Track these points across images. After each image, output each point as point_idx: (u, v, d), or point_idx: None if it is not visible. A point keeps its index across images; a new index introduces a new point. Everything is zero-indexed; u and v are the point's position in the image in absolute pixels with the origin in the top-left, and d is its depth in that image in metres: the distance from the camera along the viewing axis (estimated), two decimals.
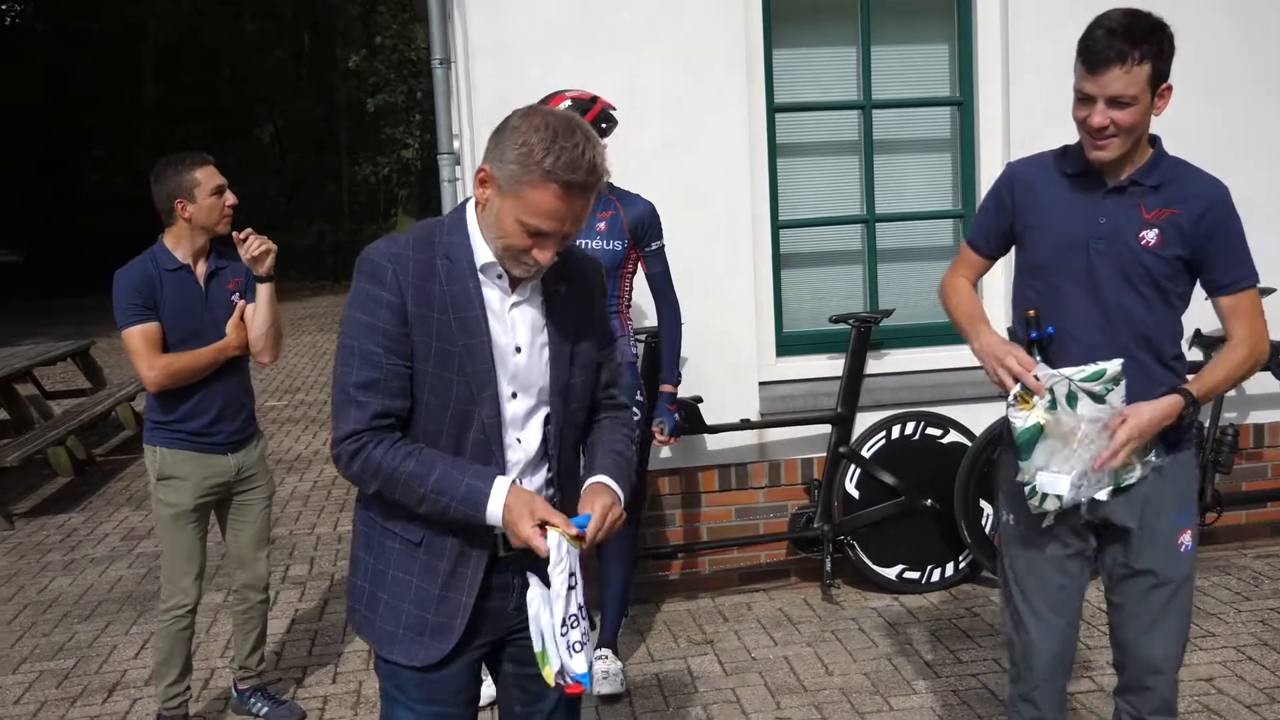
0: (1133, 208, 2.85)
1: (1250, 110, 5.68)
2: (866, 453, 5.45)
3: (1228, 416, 5.74)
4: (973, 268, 3.20)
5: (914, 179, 5.87)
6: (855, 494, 5.44)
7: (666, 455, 5.40)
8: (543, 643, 2.31)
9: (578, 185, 2.21)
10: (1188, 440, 2.98)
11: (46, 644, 5.50)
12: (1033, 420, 2.80)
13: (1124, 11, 2.76)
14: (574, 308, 2.47)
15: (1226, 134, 5.55)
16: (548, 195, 2.20)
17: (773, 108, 5.60)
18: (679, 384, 4.76)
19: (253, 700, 4.56)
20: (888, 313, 5.47)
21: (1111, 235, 2.85)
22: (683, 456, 5.49)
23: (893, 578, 5.47)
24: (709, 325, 5.34)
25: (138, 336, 4.07)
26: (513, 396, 2.38)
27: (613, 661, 4.62)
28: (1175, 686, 3.02)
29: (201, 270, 4.23)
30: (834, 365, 5.59)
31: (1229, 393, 5.65)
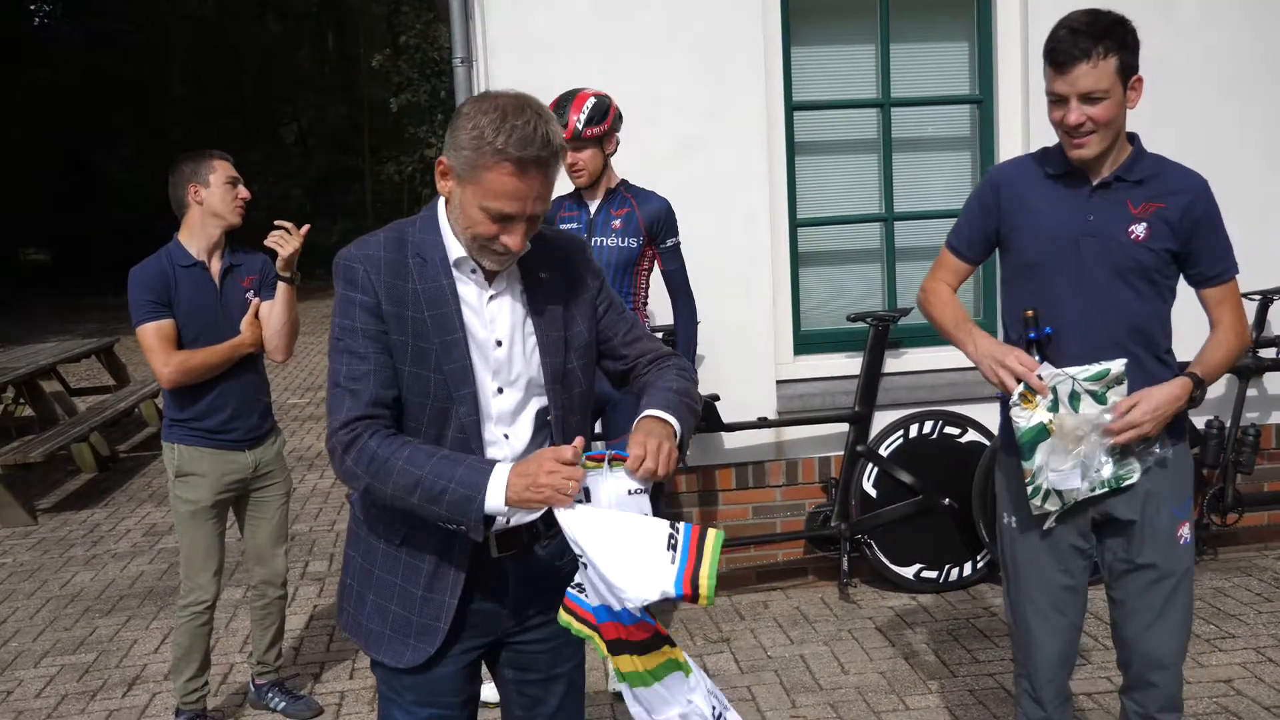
0: (1119, 204, 2.88)
1: (1266, 108, 5.63)
2: (884, 451, 5.43)
3: (1249, 417, 5.70)
4: (954, 273, 3.18)
5: (933, 177, 5.86)
6: (873, 493, 5.43)
7: None
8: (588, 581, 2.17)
9: (532, 160, 2.18)
10: (1185, 434, 3.01)
11: (68, 638, 5.54)
12: (1036, 420, 2.80)
13: (1084, 10, 2.81)
14: (559, 292, 2.42)
15: (1240, 132, 5.52)
16: (504, 175, 2.18)
17: (791, 105, 5.59)
18: None
19: (270, 695, 4.59)
20: (906, 311, 5.45)
21: (1101, 232, 2.87)
22: (700, 455, 5.48)
23: (910, 577, 5.46)
24: (726, 323, 5.34)
25: (152, 333, 4.10)
26: (498, 392, 2.33)
27: None
28: (1180, 682, 3.01)
29: (216, 267, 4.25)
30: (852, 364, 5.58)
31: (1250, 393, 5.63)
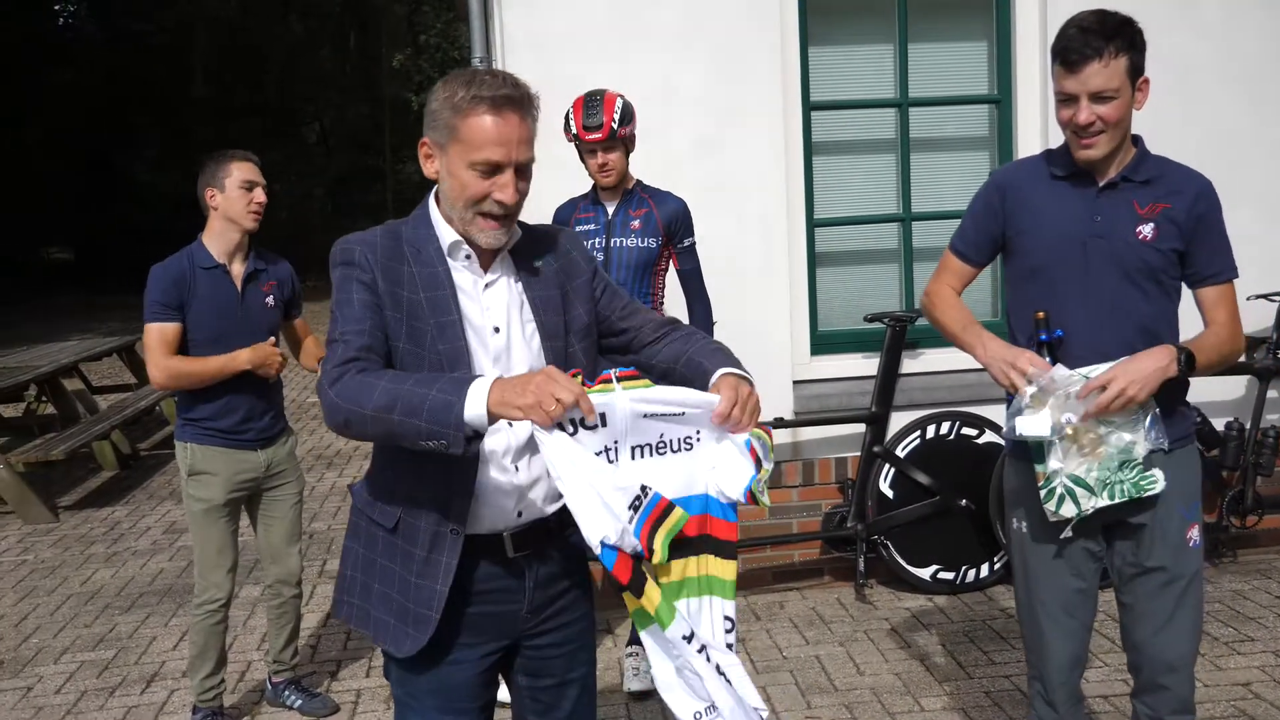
0: (1126, 204, 2.87)
1: None
2: (901, 452, 5.42)
3: (1269, 419, 5.66)
4: (958, 276, 3.17)
5: (951, 177, 5.83)
6: (889, 494, 5.42)
7: None
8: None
9: (505, 99, 2.22)
10: (1191, 434, 3.00)
11: (88, 635, 5.58)
12: (1045, 421, 2.78)
13: (1092, 10, 2.80)
14: (555, 277, 2.44)
15: (1261, 131, 5.49)
16: (482, 120, 2.21)
17: (808, 105, 5.58)
18: None
19: (287, 693, 4.62)
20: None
21: (1108, 233, 2.87)
22: None
23: (927, 578, 5.44)
24: (743, 323, 5.31)
25: (155, 334, 4.15)
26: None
27: (644, 659, 4.62)
28: (1192, 684, 3.00)
29: (238, 270, 4.27)
30: (869, 364, 5.57)
31: (1270, 394, 5.59)
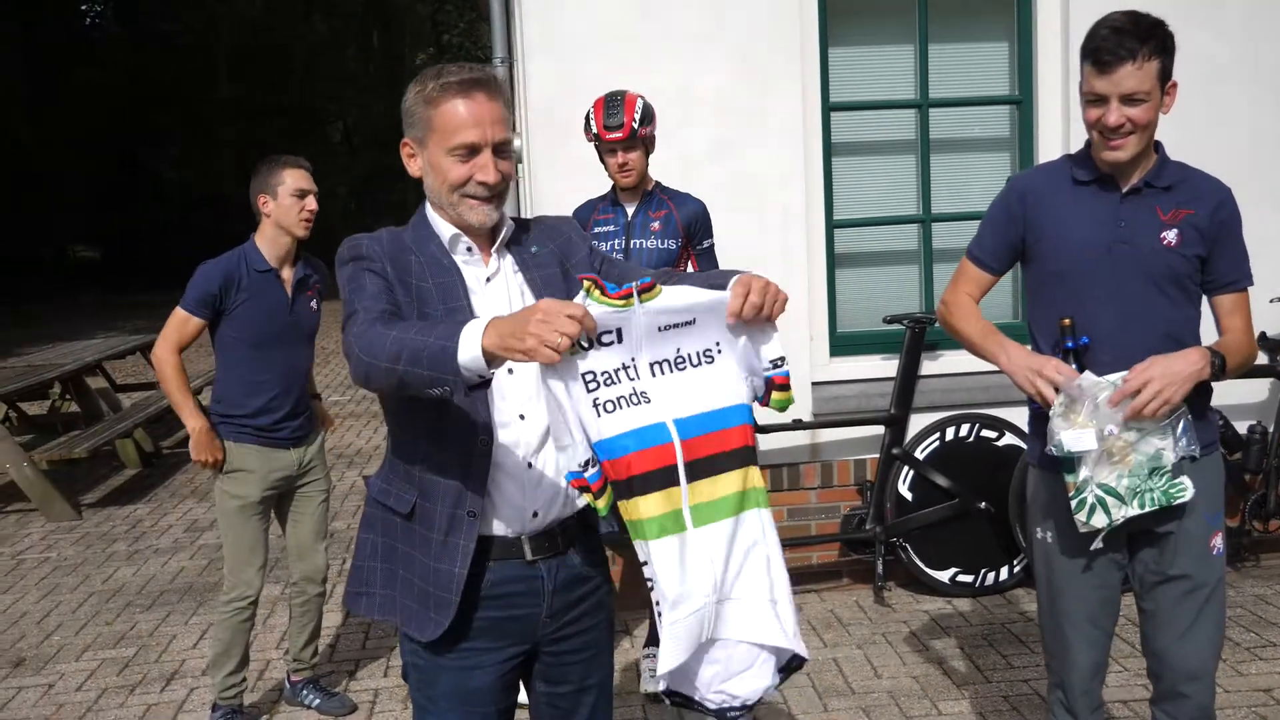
0: (1150, 210, 2.85)
1: None
2: (920, 454, 5.40)
3: None
4: (976, 284, 3.12)
5: (971, 179, 5.81)
6: (908, 496, 5.40)
7: None
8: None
9: (472, 82, 2.29)
10: (1216, 441, 2.98)
11: (109, 632, 5.62)
12: (1082, 433, 2.73)
13: (1124, 11, 2.77)
14: (554, 259, 2.47)
15: None
16: (453, 106, 2.27)
17: (828, 106, 5.57)
18: None
19: (305, 692, 4.63)
20: None
21: (1132, 238, 2.84)
22: None
23: (946, 581, 5.42)
24: None
25: (178, 320, 4.24)
26: (509, 373, 2.31)
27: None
28: (1213, 693, 2.97)
29: (288, 275, 4.34)
30: (888, 366, 5.55)
31: None
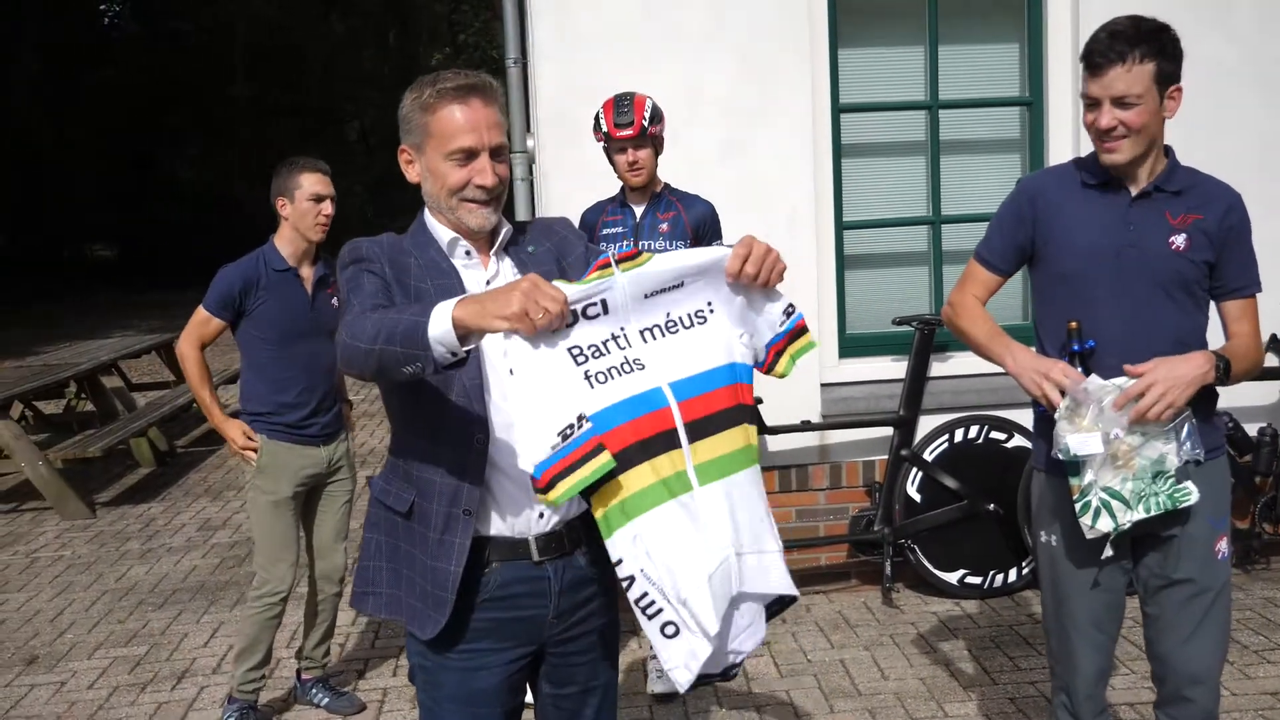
0: (1159, 214, 2.84)
1: None
2: (929, 456, 5.40)
3: None
4: (984, 286, 3.12)
5: (981, 180, 5.80)
6: (917, 497, 5.39)
7: None
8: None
9: (469, 87, 2.31)
10: (1222, 445, 2.97)
11: (121, 631, 5.66)
12: (1087, 437, 2.73)
13: (1129, 16, 2.78)
14: (550, 257, 2.49)
15: None
16: (449, 112, 2.30)
17: (837, 107, 5.57)
18: None
19: (314, 690, 4.66)
20: None
21: (1141, 243, 2.83)
22: None
23: (954, 582, 5.42)
24: None
25: (201, 318, 4.37)
26: (510, 373, 2.26)
27: None
28: (1217, 697, 2.97)
29: (308, 274, 4.41)
30: (897, 367, 5.55)
31: None
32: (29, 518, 8.00)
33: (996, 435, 5.43)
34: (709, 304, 2.22)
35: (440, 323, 2.02)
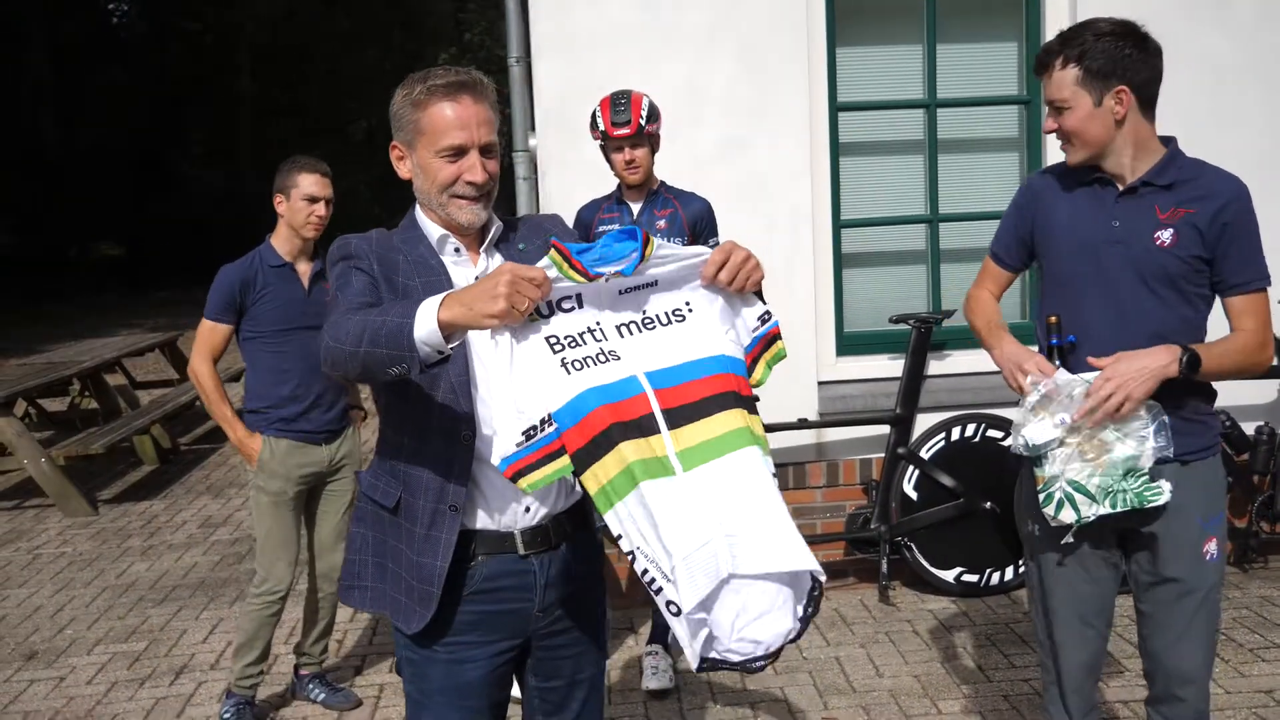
0: (1147, 209, 2.83)
1: None
2: (926, 454, 5.40)
3: None
4: (996, 280, 3.19)
5: (979, 179, 5.81)
6: (913, 495, 5.40)
7: None
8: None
9: (459, 85, 2.33)
10: (1214, 446, 2.93)
11: (121, 627, 5.68)
12: (1046, 426, 2.77)
13: (1098, 18, 2.83)
14: (541, 252, 2.42)
15: None
16: (440, 109, 2.32)
17: (835, 106, 5.57)
18: None
19: (311, 686, 4.68)
20: (949, 313, 5.42)
21: (1126, 238, 2.83)
22: None
23: (950, 580, 5.42)
24: None
25: (206, 331, 4.35)
26: (485, 360, 2.30)
27: (663, 657, 4.65)
28: (1207, 697, 2.97)
29: (305, 269, 4.44)
30: (894, 366, 5.56)
31: None
32: (32, 515, 8.04)
33: (993, 434, 5.42)
34: (687, 304, 2.24)
35: (425, 323, 2.04)
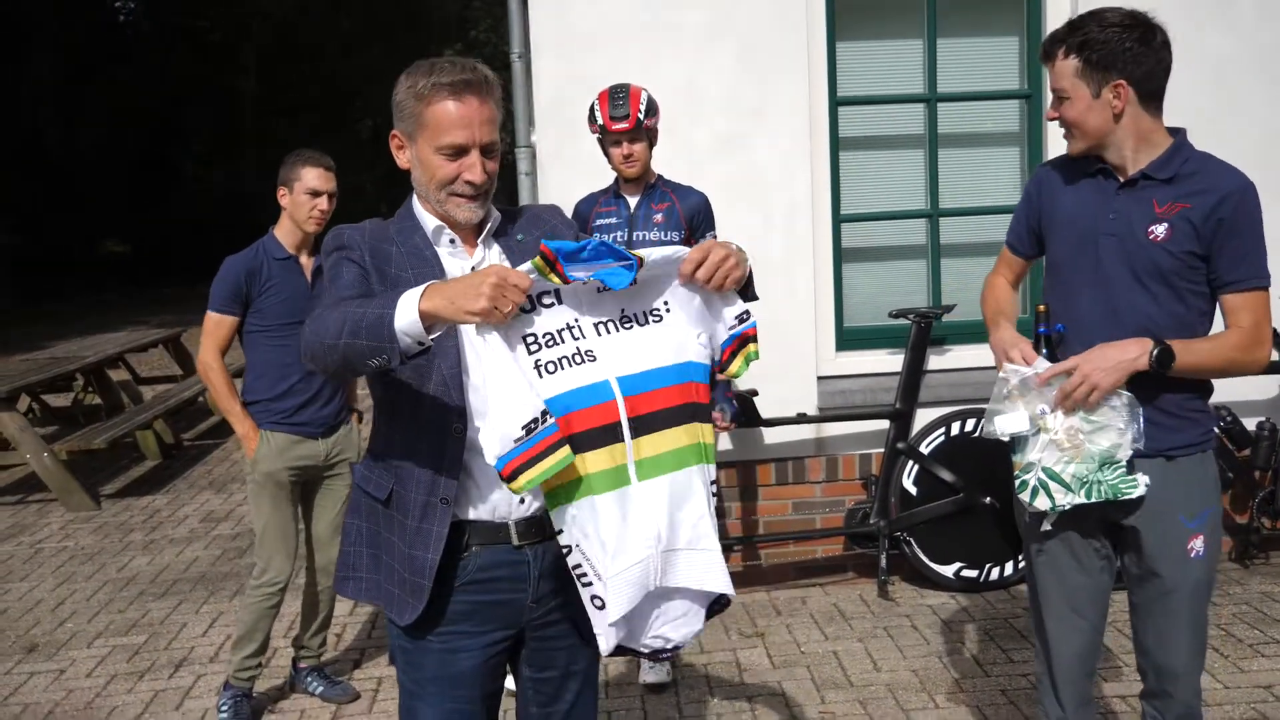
0: (1145, 203, 2.80)
1: None
2: (925, 449, 5.39)
3: None
4: (1011, 268, 3.22)
5: (980, 173, 5.80)
6: (913, 490, 5.39)
7: (724, 448, 5.40)
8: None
9: (464, 83, 2.31)
10: (1204, 442, 2.88)
11: (121, 620, 5.69)
12: (1019, 414, 2.78)
13: (1103, 8, 2.82)
14: (539, 245, 2.42)
15: None
16: (444, 106, 2.31)
17: (835, 101, 5.57)
18: None
19: (309, 679, 4.69)
20: (949, 308, 5.42)
21: (1121, 231, 2.81)
22: (740, 449, 5.49)
23: (950, 575, 5.42)
24: (768, 319, 5.26)
25: (213, 323, 4.36)
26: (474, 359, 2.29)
27: None
28: (1197, 693, 2.95)
29: (308, 262, 4.44)
30: (894, 360, 5.55)
31: None
32: (35, 509, 8.05)
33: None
34: (665, 303, 2.26)
35: (406, 313, 2.04)
